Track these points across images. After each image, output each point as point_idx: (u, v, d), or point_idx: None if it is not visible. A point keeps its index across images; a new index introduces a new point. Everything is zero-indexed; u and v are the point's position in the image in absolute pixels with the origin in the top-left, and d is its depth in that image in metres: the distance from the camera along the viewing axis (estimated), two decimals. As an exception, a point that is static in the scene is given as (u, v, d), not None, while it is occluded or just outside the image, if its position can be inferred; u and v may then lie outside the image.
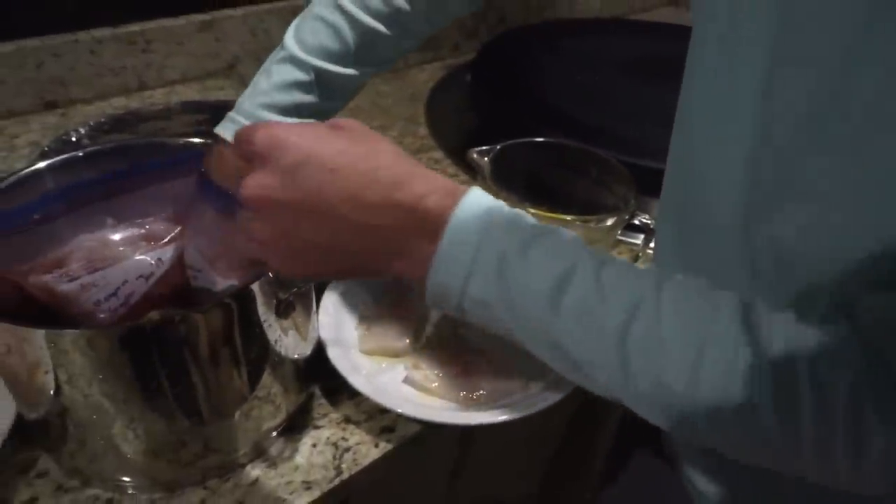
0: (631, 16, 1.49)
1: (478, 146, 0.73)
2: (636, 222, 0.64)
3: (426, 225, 0.33)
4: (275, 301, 0.40)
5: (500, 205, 0.35)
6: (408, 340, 0.52)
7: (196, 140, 0.49)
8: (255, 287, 0.40)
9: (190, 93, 0.91)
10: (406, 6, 0.48)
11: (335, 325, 0.52)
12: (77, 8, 0.83)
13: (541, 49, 1.08)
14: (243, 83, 0.98)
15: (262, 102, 0.44)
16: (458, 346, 0.52)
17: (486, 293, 0.34)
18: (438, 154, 0.92)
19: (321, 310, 0.52)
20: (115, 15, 0.85)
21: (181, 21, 0.89)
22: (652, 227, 0.64)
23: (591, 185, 0.71)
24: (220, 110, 0.86)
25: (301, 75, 0.45)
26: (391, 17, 0.48)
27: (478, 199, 0.34)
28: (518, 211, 0.36)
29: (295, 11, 0.99)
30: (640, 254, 0.68)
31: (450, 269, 0.33)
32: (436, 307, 0.36)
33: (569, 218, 0.64)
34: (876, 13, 0.26)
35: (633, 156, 0.78)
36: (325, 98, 0.46)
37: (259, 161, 0.33)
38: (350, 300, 0.55)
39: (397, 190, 0.33)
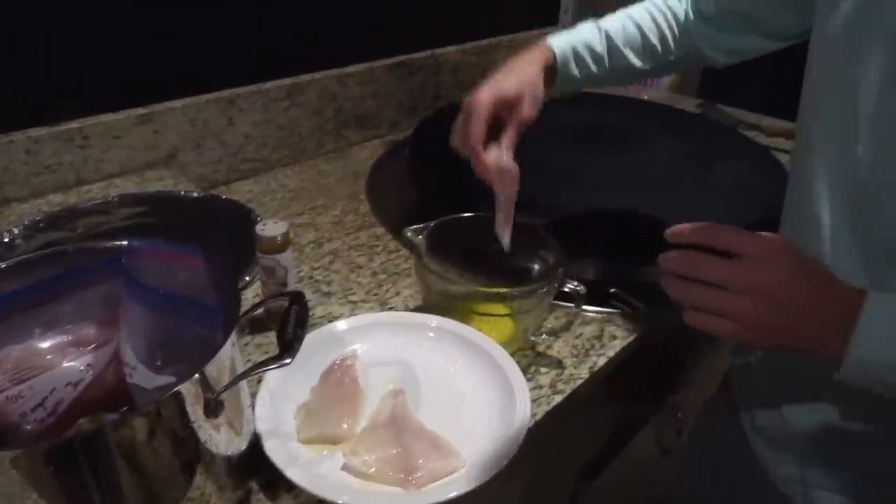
0: (561, 85, 1.58)
1: (419, 221, 0.76)
2: (566, 289, 0.67)
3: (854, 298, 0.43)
4: (203, 401, 0.41)
5: None
6: (346, 426, 0.53)
7: (121, 243, 0.49)
8: (183, 389, 0.40)
9: (129, 185, 0.92)
10: (668, 46, 0.72)
11: (273, 415, 0.52)
12: (12, 107, 0.84)
13: (475, 123, 1.13)
14: (184, 172, 1.00)
15: (570, 36, 0.67)
16: (395, 428, 0.53)
17: None
18: (380, 230, 0.94)
19: (258, 401, 0.53)
20: (53, 112, 0.86)
21: (119, 115, 0.91)
22: (582, 292, 0.67)
23: (524, 254, 0.73)
24: (159, 202, 0.88)
25: (597, 33, 0.68)
26: (658, 42, 0.71)
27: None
28: None
29: (233, 100, 1.03)
30: (573, 319, 0.71)
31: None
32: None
33: (502, 291, 0.67)
34: None
35: (567, 221, 0.82)
36: (604, 54, 0.69)
37: (760, 257, 0.44)
38: (288, 388, 0.56)
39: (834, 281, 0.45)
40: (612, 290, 0.80)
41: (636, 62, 0.72)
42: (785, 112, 1.16)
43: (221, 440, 0.45)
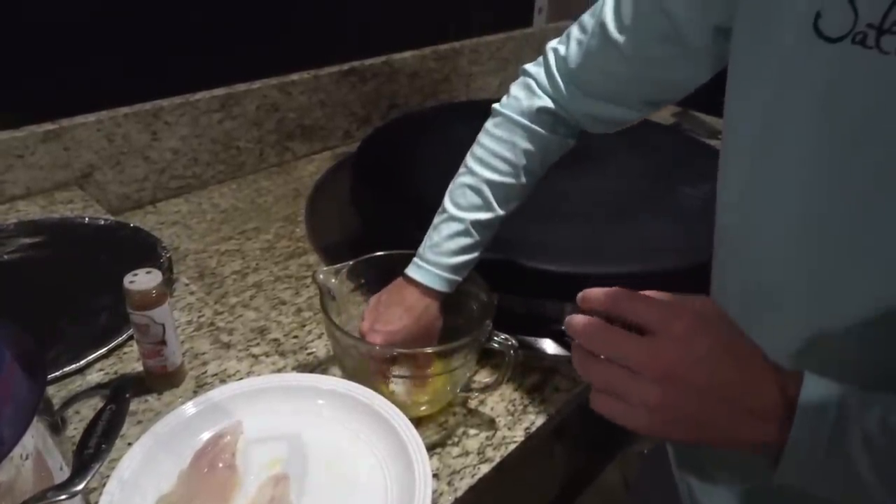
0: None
1: (360, 247, 0.67)
2: (495, 344, 0.59)
3: (787, 383, 0.36)
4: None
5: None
6: (209, 525, 0.44)
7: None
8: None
9: (34, 209, 0.84)
10: (523, 160, 0.61)
11: (122, 513, 0.44)
12: None
13: (429, 137, 1.04)
14: (103, 192, 0.91)
15: (439, 251, 0.61)
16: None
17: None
18: (313, 258, 0.86)
19: (104, 496, 0.44)
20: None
21: (21, 133, 0.82)
22: (511, 344, 0.59)
23: (452, 296, 0.65)
24: (60, 230, 0.79)
25: (460, 227, 0.61)
26: (514, 172, 0.61)
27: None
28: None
29: (156, 114, 0.94)
30: (502, 378, 0.62)
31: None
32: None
33: (429, 350, 0.59)
34: None
35: (511, 254, 0.73)
36: (479, 237, 0.62)
37: (673, 335, 0.36)
38: (150, 475, 0.47)
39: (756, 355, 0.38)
40: (563, 328, 0.72)
41: (499, 213, 0.62)
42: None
43: (29, 564, 0.36)
